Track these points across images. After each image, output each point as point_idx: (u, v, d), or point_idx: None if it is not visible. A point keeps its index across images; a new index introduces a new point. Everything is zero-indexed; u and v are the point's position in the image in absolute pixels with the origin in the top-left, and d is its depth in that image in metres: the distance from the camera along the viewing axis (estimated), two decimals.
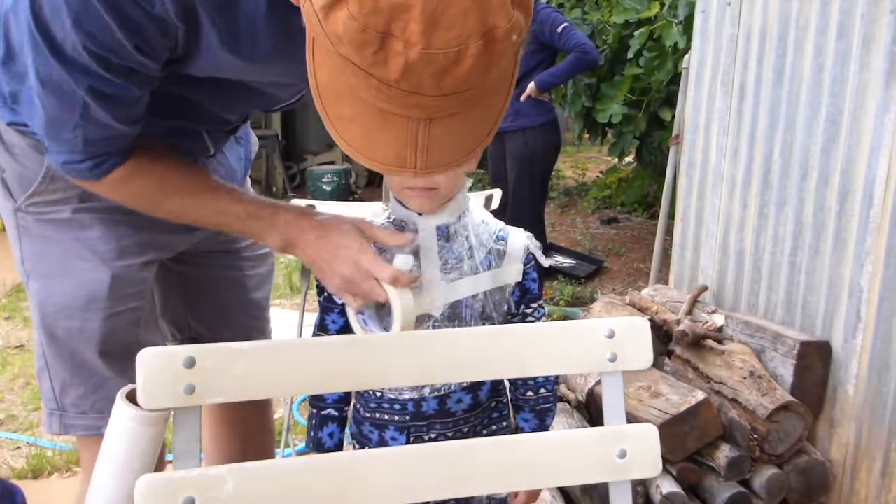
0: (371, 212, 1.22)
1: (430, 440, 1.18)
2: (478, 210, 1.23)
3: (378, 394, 1.20)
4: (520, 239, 1.20)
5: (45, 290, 1.19)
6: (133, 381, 1.19)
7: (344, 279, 1.09)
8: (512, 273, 1.19)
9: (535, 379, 1.23)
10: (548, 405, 1.25)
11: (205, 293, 1.43)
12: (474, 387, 1.19)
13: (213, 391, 0.87)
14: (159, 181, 1.11)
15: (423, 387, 1.17)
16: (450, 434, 1.18)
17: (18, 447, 2.59)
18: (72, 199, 1.16)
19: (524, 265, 1.20)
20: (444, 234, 1.16)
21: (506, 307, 1.20)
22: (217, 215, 1.13)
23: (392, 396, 1.19)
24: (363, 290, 1.08)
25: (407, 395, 1.18)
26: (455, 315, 1.15)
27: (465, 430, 1.20)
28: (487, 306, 1.18)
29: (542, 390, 1.24)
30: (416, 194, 1.13)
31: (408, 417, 1.18)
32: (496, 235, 1.19)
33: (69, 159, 1.04)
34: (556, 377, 1.26)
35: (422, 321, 1.14)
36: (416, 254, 1.14)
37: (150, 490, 0.83)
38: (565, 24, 3.81)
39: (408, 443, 1.18)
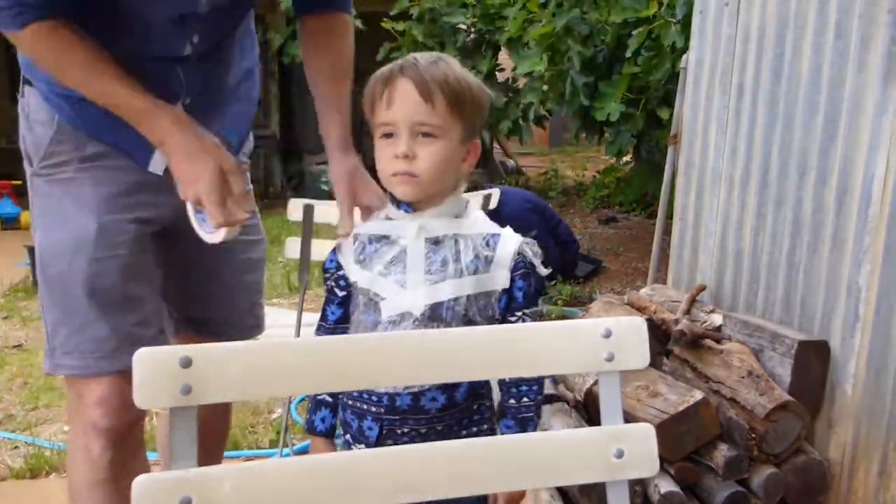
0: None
1: (403, 434, 1.19)
2: (474, 213, 1.24)
3: None
4: (510, 245, 1.20)
5: (45, 238, 1.35)
6: (116, 327, 1.33)
7: (188, 196, 1.26)
8: (499, 279, 1.18)
9: (518, 386, 1.21)
10: (529, 414, 1.22)
11: (198, 272, 1.53)
12: (450, 386, 1.19)
13: (210, 391, 0.87)
14: (71, 49, 1.20)
15: None
16: (423, 430, 1.19)
17: (16, 447, 2.59)
18: (73, 160, 1.33)
19: (511, 272, 1.19)
20: (433, 238, 1.18)
21: (491, 312, 1.20)
22: (109, 98, 1.24)
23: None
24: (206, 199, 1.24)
25: (383, 389, 1.18)
26: (435, 316, 1.16)
27: (440, 427, 1.20)
28: (471, 310, 1.18)
29: (525, 399, 1.21)
30: (399, 181, 1.16)
31: (382, 410, 1.19)
32: (486, 240, 1.19)
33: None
34: (541, 387, 1.23)
35: (404, 320, 1.17)
36: (402, 254, 1.18)
37: (147, 490, 0.83)
38: None
39: (380, 434, 1.19)
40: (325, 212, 2.12)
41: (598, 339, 0.99)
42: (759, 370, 2.05)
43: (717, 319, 2.37)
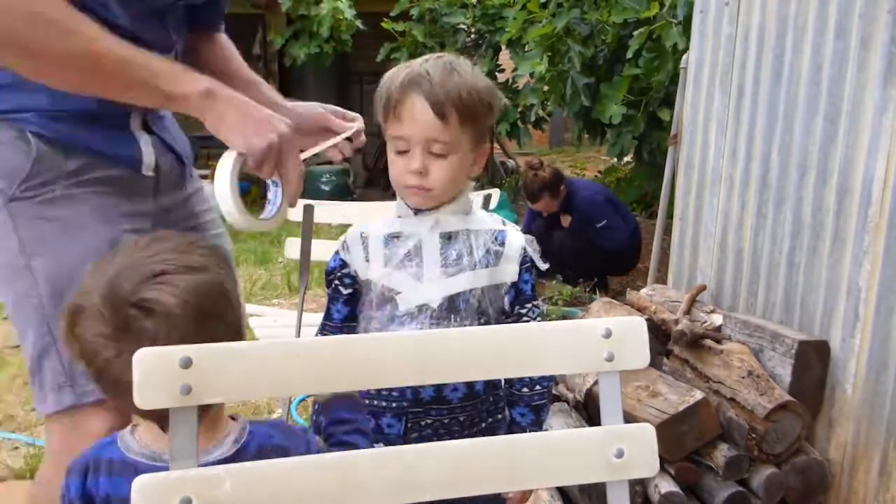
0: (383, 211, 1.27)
1: (427, 425, 1.22)
2: (479, 210, 1.28)
3: None
4: (517, 240, 1.25)
5: (54, 263, 1.24)
6: None
7: (271, 144, 1.18)
8: (508, 272, 1.23)
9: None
10: (543, 401, 1.28)
11: None
12: None
13: (210, 391, 0.87)
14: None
15: None
16: (446, 420, 1.23)
17: (17, 447, 2.59)
18: (59, 178, 1.25)
19: (520, 266, 1.24)
20: (446, 234, 1.22)
21: (501, 304, 1.25)
22: (137, 54, 1.15)
23: None
24: (285, 159, 1.21)
25: None
26: (453, 307, 1.20)
27: (462, 418, 1.23)
28: (484, 301, 1.22)
29: (538, 387, 1.26)
30: (412, 192, 1.20)
31: (405, 403, 1.22)
32: (494, 236, 1.24)
33: None
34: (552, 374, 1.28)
35: (421, 312, 1.20)
36: (417, 249, 1.21)
37: (147, 490, 0.83)
38: None
39: (405, 428, 1.22)
40: (326, 212, 2.12)
41: (598, 339, 0.99)
42: (759, 370, 2.05)
43: (717, 319, 2.37)
